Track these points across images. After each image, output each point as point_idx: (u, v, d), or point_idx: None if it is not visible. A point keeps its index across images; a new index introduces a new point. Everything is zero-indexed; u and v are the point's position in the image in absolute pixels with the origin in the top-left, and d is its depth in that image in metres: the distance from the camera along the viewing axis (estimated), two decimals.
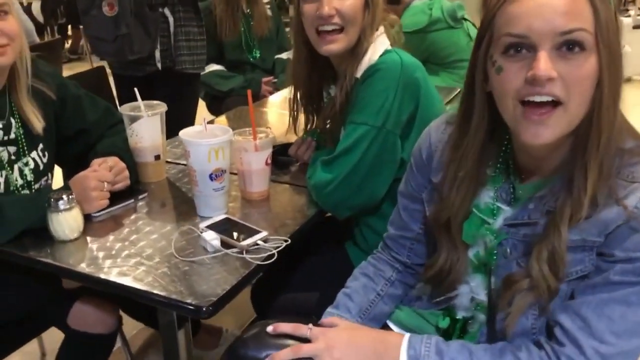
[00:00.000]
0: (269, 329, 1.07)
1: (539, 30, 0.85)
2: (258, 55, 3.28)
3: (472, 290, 1.08)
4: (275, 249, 1.27)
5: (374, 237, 1.45)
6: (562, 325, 0.91)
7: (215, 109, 3.30)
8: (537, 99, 0.86)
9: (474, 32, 2.99)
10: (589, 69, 0.85)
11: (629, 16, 5.72)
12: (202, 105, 3.21)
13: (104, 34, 2.39)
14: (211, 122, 2.72)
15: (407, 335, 1.01)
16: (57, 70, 1.68)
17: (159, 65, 2.53)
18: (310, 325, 1.06)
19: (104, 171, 1.46)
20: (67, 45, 6.60)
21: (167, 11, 2.49)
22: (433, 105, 1.45)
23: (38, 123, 1.50)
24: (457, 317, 1.12)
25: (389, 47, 1.46)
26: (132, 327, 1.97)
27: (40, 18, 6.18)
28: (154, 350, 2.10)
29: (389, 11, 1.58)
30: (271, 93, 3.12)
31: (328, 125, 1.60)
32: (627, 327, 0.87)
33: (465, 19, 3.00)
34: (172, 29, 2.51)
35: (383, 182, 1.44)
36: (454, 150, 1.05)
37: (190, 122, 2.81)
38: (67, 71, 2.93)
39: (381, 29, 1.49)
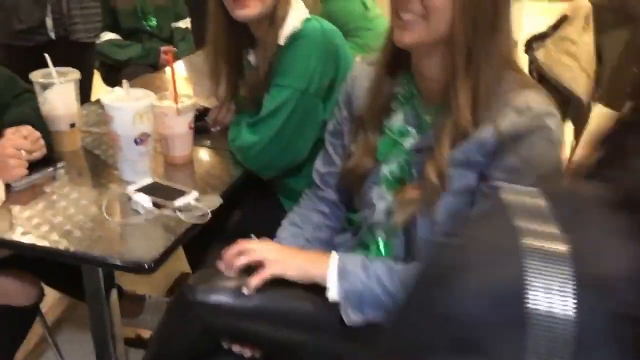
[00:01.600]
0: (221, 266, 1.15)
1: None
2: (154, 23, 3.20)
3: (389, 207, 1.18)
4: (208, 208, 1.31)
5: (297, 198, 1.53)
6: None
7: (112, 80, 3.20)
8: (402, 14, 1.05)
9: (369, 1, 3.11)
10: None
11: None
12: (96, 77, 3.12)
13: None
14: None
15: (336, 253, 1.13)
16: None
17: (52, 34, 2.40)
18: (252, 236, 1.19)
19: (20, 139, 1.43)
20: None
21: None
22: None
23: None
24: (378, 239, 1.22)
25: (308, 15, 1.53)
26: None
27: None
28: (67, 324, 2.08)
29: None
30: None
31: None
32: None
33: None
34: None
35: (306, 143, 1.52)
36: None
37: (86, 93, 2.73)
38: None
39: None
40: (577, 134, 3.27)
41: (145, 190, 1.35)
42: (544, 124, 1.00)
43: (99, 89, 3.13)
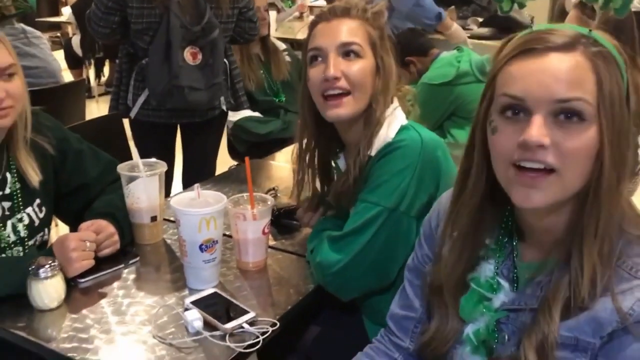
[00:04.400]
0: None
1: (536, 94, 0.82)
2: (283, 98, 3.25)
3: None
4: (261, 335, 1.17)
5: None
6: None
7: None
8: (528, 164, 0.83)
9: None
10: (587, 140, 0.82)
11: None
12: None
13: (196, 83, 2.34)
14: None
15: None
16: (60, 124, 1.64)
17: (224, 107, 2.59)
18: None
19: (88, 232, 1.40)
20: (104, 78, 6.72)
21: None
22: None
23: (35, 176, 1.46)
24: None
25: (405, 122, 1.37)
26: None
27: (79, 51, 6.30)
28: None
29: (407, 74, 1.50)
30: None
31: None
32: None
33: None
34: (229, 71, 2.56)
35: (395, 266, 1.34)
36: (450, 208, 1.01)
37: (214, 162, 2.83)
38: (100, 104, 2.92)
39: (395, 101, 1.40)
40: None
41: (201, 304, 1.26)
42: None
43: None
